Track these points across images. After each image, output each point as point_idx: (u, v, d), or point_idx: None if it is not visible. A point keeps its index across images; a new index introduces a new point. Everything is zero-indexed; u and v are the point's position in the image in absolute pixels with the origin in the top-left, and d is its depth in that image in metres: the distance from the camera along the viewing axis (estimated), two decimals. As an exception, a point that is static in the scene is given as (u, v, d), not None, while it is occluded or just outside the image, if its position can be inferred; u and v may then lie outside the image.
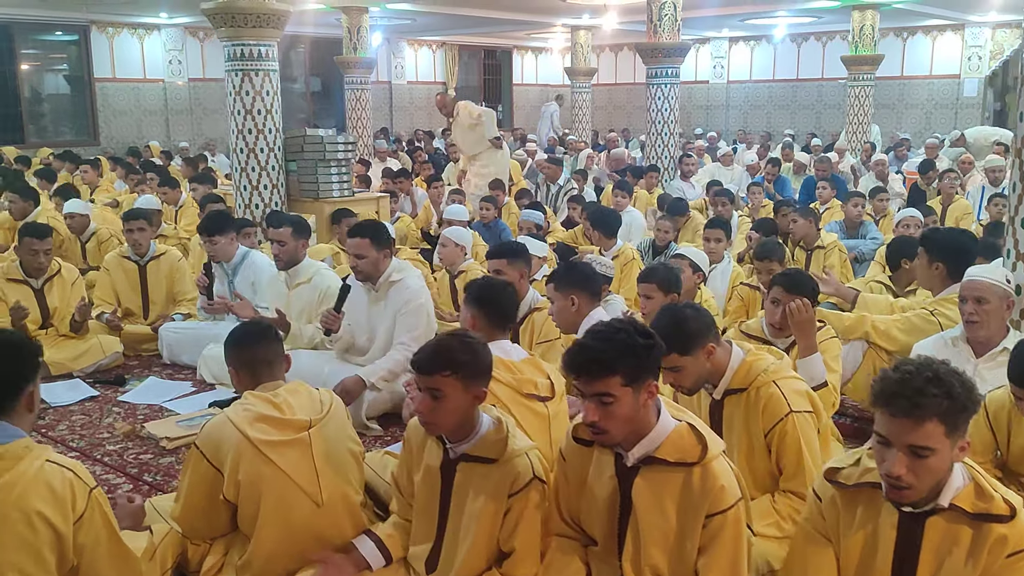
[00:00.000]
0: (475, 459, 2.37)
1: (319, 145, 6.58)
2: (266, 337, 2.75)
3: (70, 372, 4.90)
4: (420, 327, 4.26)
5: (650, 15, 9.73)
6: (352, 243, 4.24)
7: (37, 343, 2.34)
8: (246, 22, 6.27)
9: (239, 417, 2.54)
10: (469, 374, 2.31)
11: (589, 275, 3.45)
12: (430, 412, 2.31)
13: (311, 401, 2.67)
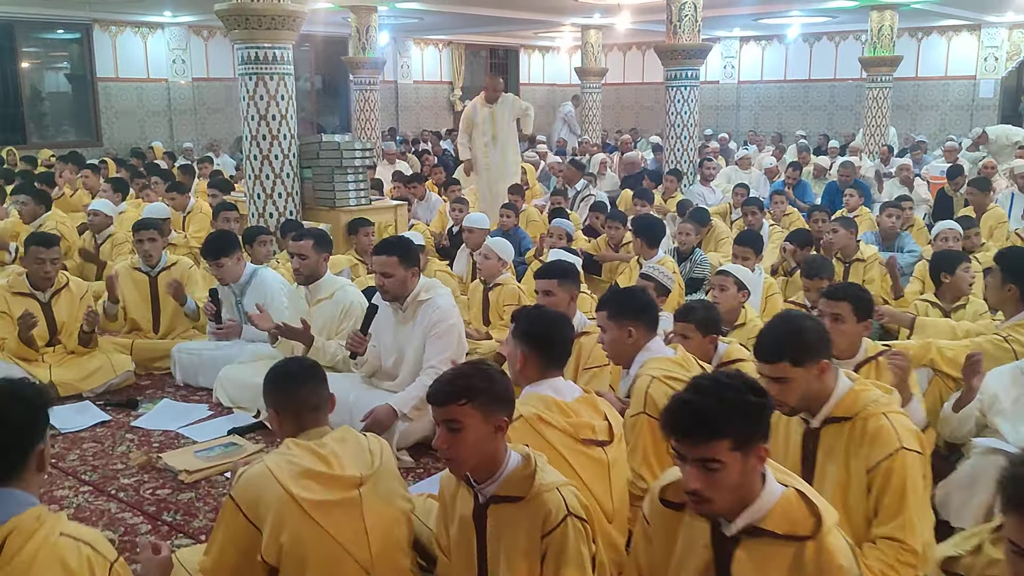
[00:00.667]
0: (504, 499, 2.18)
1: (335, 151, 6.33)
2: (313, 378, 2.51)
3: (79, 393, 4.66)
4: (451, 349, 4.02)
5: (669, 15, 9.47)
6: (379, 261, 3.99)
7: (44, 391, 2.11)
8: (260, 24, 6.02)
9: (282, 471, 2.29)
10: (487, 402, 2.14)
11: (648, 304, 3.18)
12: (450, 447, 2.14)
13: (360, 451, 2.43)
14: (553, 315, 2.91)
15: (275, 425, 2.52)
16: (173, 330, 5.27)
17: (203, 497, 3.53)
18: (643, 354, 3.12)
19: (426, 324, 4.00)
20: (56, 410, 4.43)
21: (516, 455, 2.22)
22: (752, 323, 4.34)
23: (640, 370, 3.05)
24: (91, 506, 3.46)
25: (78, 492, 3.58)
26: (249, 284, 4.91)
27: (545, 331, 2.79)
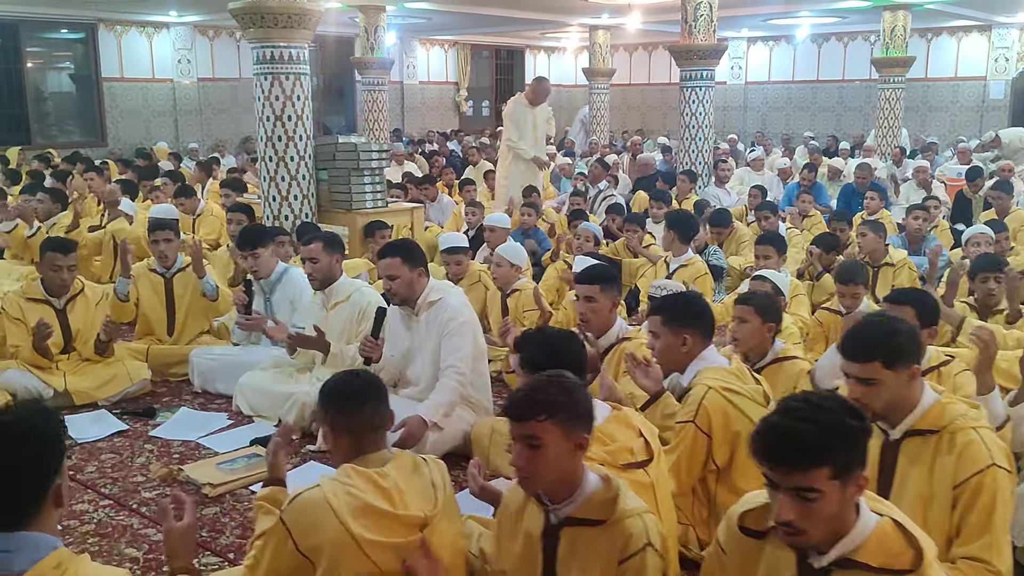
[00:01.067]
0: (581, 522, 2.07)
1: (352, 153, 6.19)
2: (375, 396, 2.35)
3: (95, 401, 4.54)
4: (467, 347, 3.89)
5: (684, 15, 9.35)
6: (383, 264, 3.88)
7: (57, 419, 1.88)
8: (276, 23, 5.89)
9: (341, 503, 2.14)
10: (568, 418, 2.03)
11: (704, 310, 3.06)
12: (527, 463, 2.02)
13: (423, 484, 2.28)
14: (560, 337, 2.77)
15: (330, 443, 2.37)
16: (187, 333, 5.14)
17: (228, 512, 3.41)
18: (697, 362, 3.00)
19: (439, 324, 3.88)
20: (72, 419, 4.31)
21: (594, 476, 2.11)
22: (787, 330, 4.23)
23: (696, 379, 2.93)
24: (112, 521, 3.33)
25: (98, 506, 3.45)
26: (279, 282, 4.82)
27: (554, 357, 2.61)
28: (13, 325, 4.56)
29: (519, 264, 5.11)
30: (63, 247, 4.58)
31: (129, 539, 3.19)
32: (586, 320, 3.65)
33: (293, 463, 3.82)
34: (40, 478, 1.76)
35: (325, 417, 2.34)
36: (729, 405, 2.83)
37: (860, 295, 4.41)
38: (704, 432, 2.76)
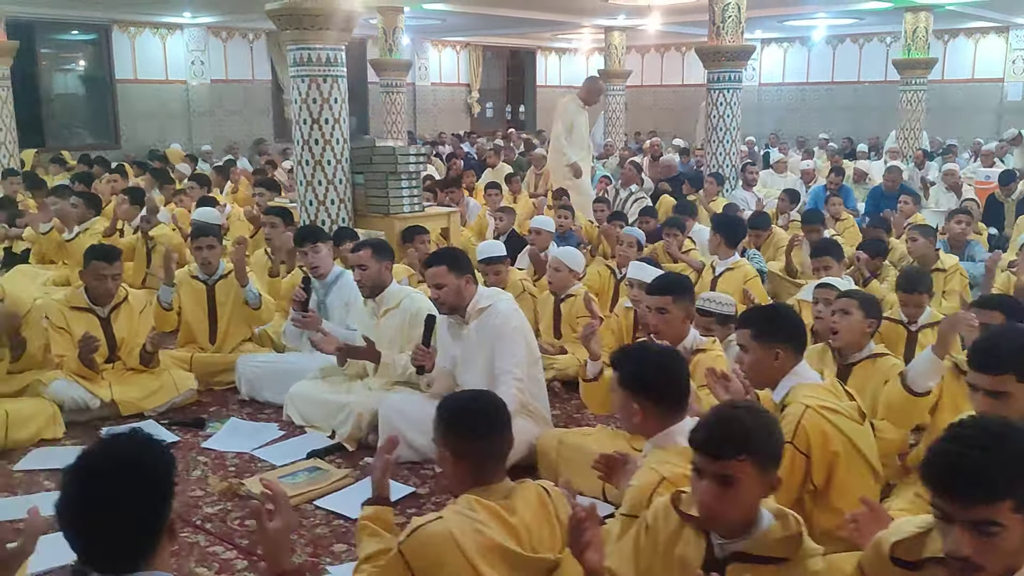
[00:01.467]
0: (754, 559, 1.94)
1: (390, 157, 6.11)
2: (502, 423, 2.24)
3: (141, 412, 4.44)
4: (521, 352, 3.77)
5: (712, 16, 9.25)
6: (429, 273, 3.78)
7: (170, 456, 1.76)
8: (313, 24, 5.79)
9: (468, 541, 2.03)
10: (767, 458, 1.92)
11: (797, 324, 2.97)
12: (716, 502, 1.90)
13: (548, 521, 2.18)
14: (663, 354, 2.67)
15: (448, 470, 2.24)
16: (229, 341, 5.05)
17: (295, 529, 3.30)
18: (790, 378, 2.89)
19: (490, 332, 3.76)
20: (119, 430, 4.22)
21: (766, 511, 1.98)
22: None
23: (790, 396, 2.83)
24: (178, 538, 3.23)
25: None
26: (335, 284, 4.74)
27: (659, 376, 2.54)
28: (57, 334, 4.48)
29: (577, 269, 5.02)
30: (108, 255, 4.48)
31: (198, 558, 3.10)
32: (658, 332, 3.55)
33: (355, 476, 3.74)
34: (156, 515, 1.65)
35: (445, 442, 2.21)
36: (827, 424, 2.73)
37: (924, 304, 4.33)
38: (802, 452, 2.66)
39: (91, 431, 4.25)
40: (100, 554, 1.61)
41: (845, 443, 2.74)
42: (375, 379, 4.28)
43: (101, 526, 1.59)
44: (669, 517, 2.11)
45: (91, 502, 1.59)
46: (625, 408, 2.59)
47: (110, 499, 1.59)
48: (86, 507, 1.59)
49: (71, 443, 4.13)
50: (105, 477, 1.61)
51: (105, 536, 1.59)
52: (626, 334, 4.91)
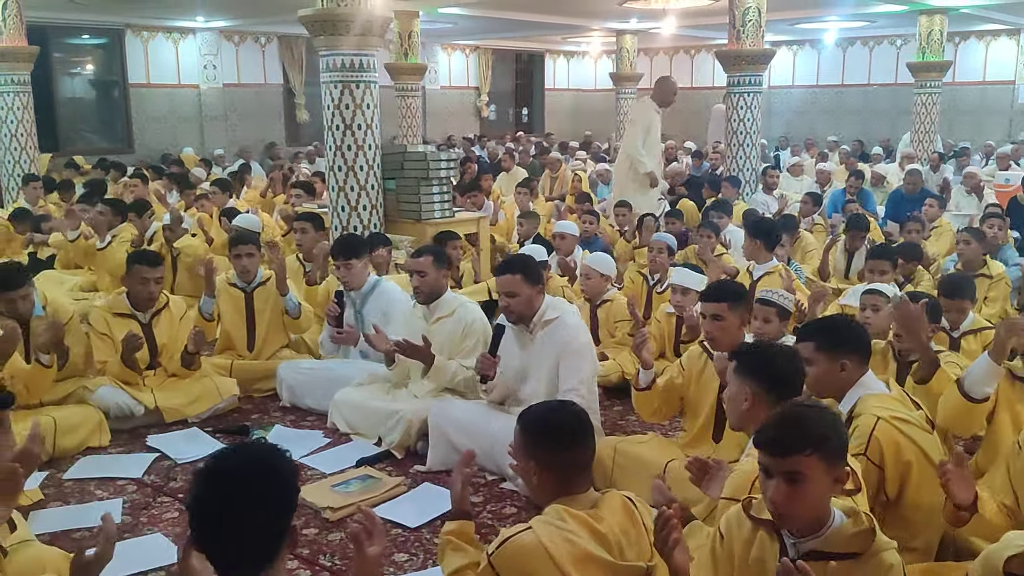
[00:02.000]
0: (827, 556, 1.95)
1: (422, 162, 6.10)
2: (588, 434, 2.22)
3: (184, 418, 4.44)
4: (587, 369, 3.78)
5: (732, 20, 9.25)
6: (502, 281, 3.76)
7: (292, 462, 1.83)
8: (347, 30, 5.78)
9: (560, 551, 2.02)
10: (832, 451, 1.94)
11: (862, 334, 2.96)
12: (787, 500, 1.91)
13: (635, 529, 2.17)
14: (780, 350, 2.68)
15: (534, 481, 2.22)
16: (267, 348, 5.03)
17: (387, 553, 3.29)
18: (857, 389, 2.87)
19: (556, 345, 3.75)
20: (165, 438, 4.25)
21: (837, 510, 2.01)
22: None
23: (860, 408, 2.81)
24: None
25: None
26: (371, 294, 4.72)
27: (775, 365, 2.57)
28: (100, 340, 4.48)
29: (609, 274, 5.01)
30: (151, 260, 4.48)
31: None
32: (713, 339, 3.53)
33: (407, 484, 3.72)
34: (283, 517, 1.73)
35: (532, 452, 2.19)
36: (900, 435, 2.72)
37: (966, 310, 4.31)
38: (876, 464, 2.66)
39: (137, 438, 4.25)
40: (228, 554, 1.66)
41: (917, 453, 2.73)
42: (419, 385, 4.26)
43: (233, 524, 1.65)
44: (742, 524, 2.13)
45: (225, 501, 1.66)
46: (736, 395, 2.61)
47: (244, 498, 1.66)
48: (220, 506, 1.65)
49: (117, 451, 4.12)
50: (239, 477, 1.68)
51: (235, 535, 1.65)
52: (668, 340, 4.90)
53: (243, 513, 1.65)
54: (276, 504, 1.70)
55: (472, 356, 4.10)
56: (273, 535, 1.70)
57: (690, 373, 3.63)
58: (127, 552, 3.15)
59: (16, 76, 9.11)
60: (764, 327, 3.73)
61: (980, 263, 5.45)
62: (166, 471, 3.89)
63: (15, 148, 9.27)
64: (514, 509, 3.51)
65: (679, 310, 4.74)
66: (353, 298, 4.72)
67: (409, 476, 3.82)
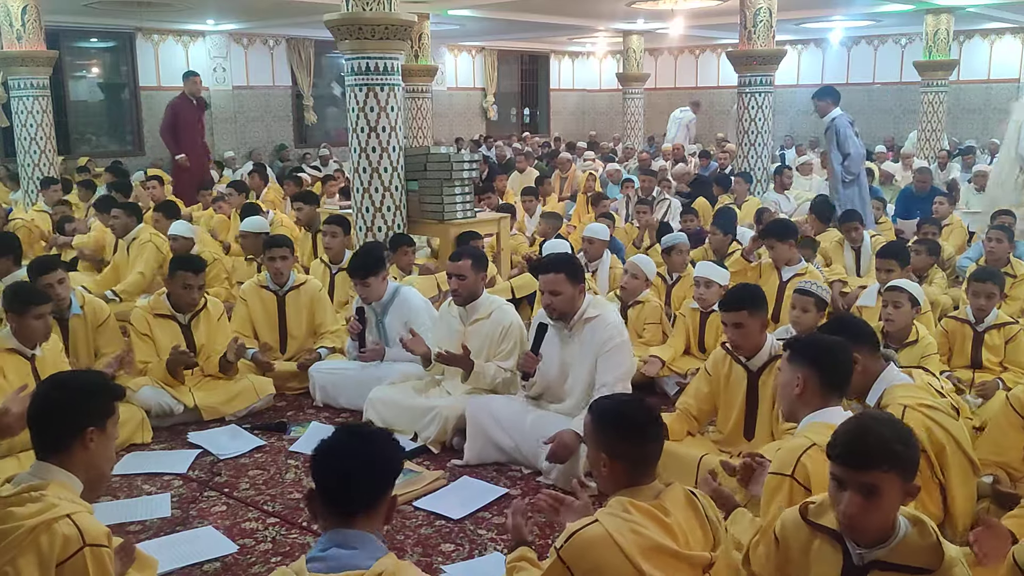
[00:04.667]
0: (896, 568, 1.98)
1: (445, 163, 6.20)
2: (657, 429, 2.28)
3: (222, 416, 4.53)
4: (626, 366, 3.88)
5: (743, 21, 9.35)
6: (545, 279, 3.85)
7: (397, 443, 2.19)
8: (373, 34, 5.88)
9: (628, 541, 2.08)
10: (909, 468, 1.97)
11: (864, 325, 3.06)
12: (861, 512, 1.94)
13: (699, 521, 2.23)
14: (832, 340, 2.77)
15: (603, 472, 2.27)
16: (302, 351, 5.11)
17: (401, 530, 3.39)
18: (881, 383, 2.98)
19: (596, 343, 3.83)
20: (208, 435, 4.34)
21: (903, 518, 2.01)
22: (924, 340, 4.20)
23: (887, 399, 2.92)
24: (287, 540, 3.32)
25: (267, 524, 3.44)
26: (392, 302, 4.77)
27: (829, 354, 2.65)
28: (141, 341, 4.57)
29: (651, 278, 5.09)
30: (194, 266, 4.57)
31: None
32: (737, 346, 3.61)
33: (446, 478, 3.82)
34: (390, 477, 2.07)
35: (604, 443, 2.25)
36: (929, 420, 2.82)
37: (995, 296, 4.40)
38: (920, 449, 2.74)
39: (177, 435, 4.34)
40: (338, 500, 1.98)
41: (947, 437, 2.83)
42: (452, 382, 4.36)
43: (352, 468, 1.98)
44: (799, 529, 2.14)
45: (349, 449, 2.02)
46: (788, 381, 2.68)
47: (364, 447, 2.03)
48: (344, 452, 2.01)
49: (160, 447, 4.22)
50: (360, 436, 2.07)
51: (346, 486, 1.97)
52: (693, 333, 5.00)
53: (358, 458, 1.99)
54: (385, 459, 2.06)
55: (510, 359, 4.20)
56: (377, 488, 2.01)
57: (717, 377, 3.71)
58: (182, 544, 3.26)
59: (36, 80, 9.22)
60: (801, 316, 3.81)
61: (1006, 261, 5.52)
62: (210, 467, 3.99)
63: (35, 151, 9.36)
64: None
65: (701, 302, 4.84)
66: (374, 308, 4.77)
67: (447, 470, 3.92)
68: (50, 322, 3.99)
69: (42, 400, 2.37)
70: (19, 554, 2.07)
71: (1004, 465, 3.08)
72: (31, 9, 9.07)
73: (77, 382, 2.46)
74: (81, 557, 2.10)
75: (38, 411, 2.35)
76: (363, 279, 4.63)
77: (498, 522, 3.41)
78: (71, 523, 2.12)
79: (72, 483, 2.29)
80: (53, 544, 2.08)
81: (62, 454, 2.30)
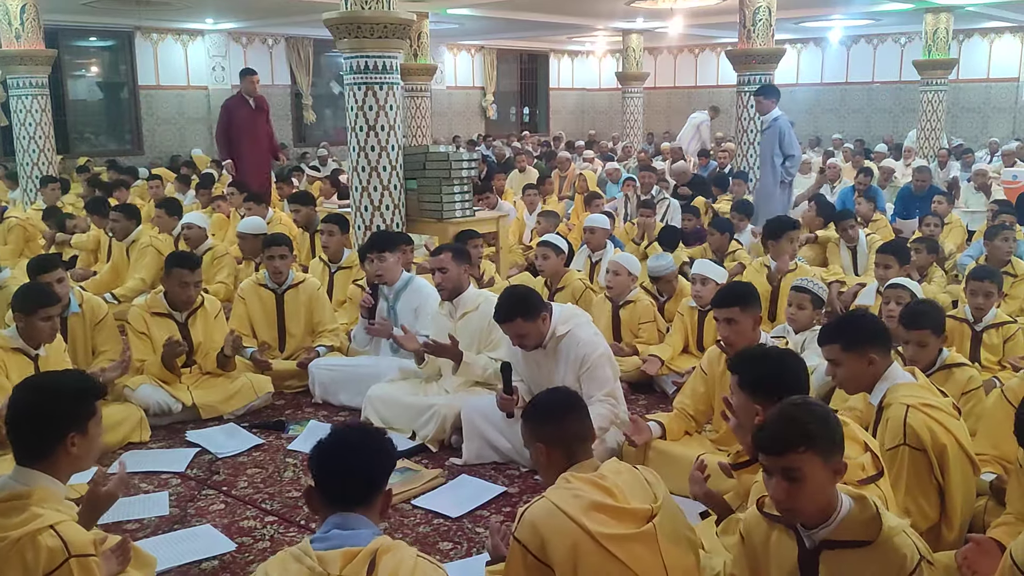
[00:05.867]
0: (841, 544, 2.05)
1: (444, 162, 6.19)
2: (576, 407, 2.49)
3: (220, 415, 4.52)
4: (611, 379, 3.84)
5: (743, 20, 9.36)
6: (506, 328, 3.74)
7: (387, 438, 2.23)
8: (372, 33, 5.87)
9: (570, 505, 2.22)
10: (826, 446, 2.02)
11: (881, 325, 3.05)
12: (787, 497, 2.02)
13: (639, 483, 2.36)
14: (779, 355, 2.77)
15: (543, 461, 2.44)
16: (300, 350, 5.11)
17: (398, 528, 3.39)
18: (884, 381, 2.96)
19: (574, 361, 3.77)
20: (206, 433, 4.33)
21: (846, 496, 2.09)
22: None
23: (889, 398, 2.91)
24: (285, 538, 3.31)
25: (265, 523, 3.44)
26: (405, 290, 4.80)
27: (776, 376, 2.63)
28: (138, 339, 4.56)
29: (636, 274, 5.08)
30: (190, 264, 4.57)
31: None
32: (730, 343, 3.59)
33: (444, 476, 3.82)
34: (386, 470, 2.15)
35: (536, 434, 2.45)
36: (931, 420, 2.81)
37: (993, 294, 4.40)
38: (919, 450, 2.75)
39: (175, 434, 4.34)
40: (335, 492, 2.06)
41: (948, 437, 2.82)
42: (450, 380, 4.35)
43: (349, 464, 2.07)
44: (759, 523, 2.23)
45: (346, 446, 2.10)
46: (743, 409, 2.67)
47: (361, 444, 2.11)
48: (341, 449, 2.09)
49: (158, 446, 4.21)
50: (357, 433, 2.17)
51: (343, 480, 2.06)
52: (691, 331, 5.00)
53: (357, 453, 2.08)
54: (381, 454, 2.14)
55: (500, 348, 4.19)
56: (375, 482, 2.09)
57: (712, 375, 3.70)
58: (180, 543, 3.26)
59: (34, 79, 9.22)
60: (798, 313, 3.80)
61: (1005, 261, 5.50)
62: (208, 465, 3.99)
63: (33, 150, 9.36)
64: (550, 499, 3.60)
65: (698, 299, 4.84)
66: (386, 293, 4.80)
67: (445, 468, 3.91)
68: (57, 324, 3.99)
69: (20, 406, 2.31)
70: (3, 567, 2.07)
71: (1001, 459, 3.08)
72: (30, 8, 9.07)
73: (56, 385, 2.38)
74: (67, 568, 2.09)
75: (17, 417, 2.29)
76: (380, 251, 4.69)
77: (498, 521, 3.41)
78: (55, 534, 2.10)
79: (57, 488, 2.28)
80: (38, 557, 2.07)
81: (45, 460, 2.28)
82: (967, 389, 3.41)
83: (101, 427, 2.46)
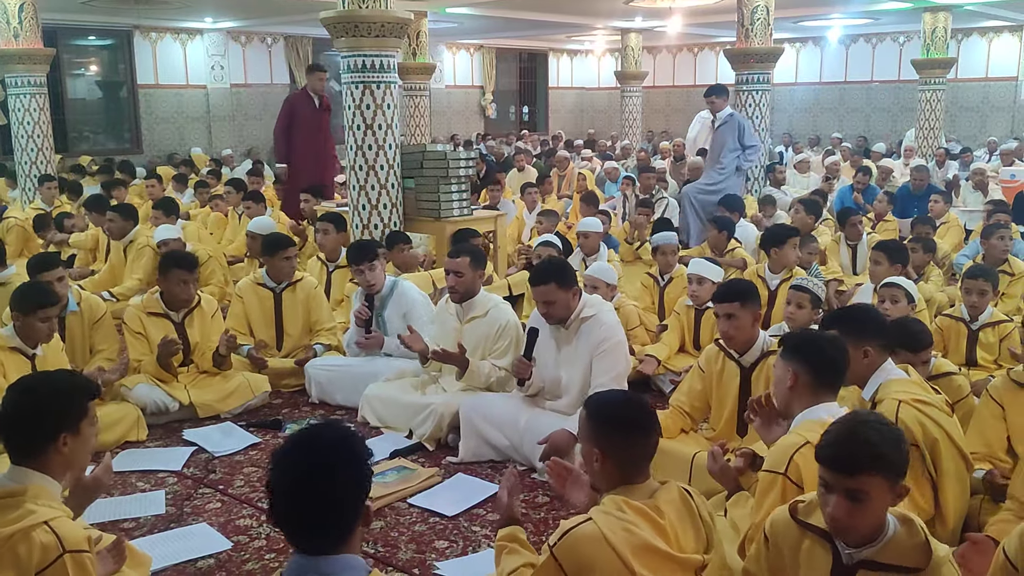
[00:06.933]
0: (884, 567, 1.98)
1: (441, 161, 6.20)
2: (647, 427, 2.25)
3: (217, 414, 4.53)
4: (620, 365, 3.85)
5: (741, 18, 9.35)
6: (537, 291, 3.80)
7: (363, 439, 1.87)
8: (369, 32, 5.88)
9: (620, 539, 2.07)
10: (896, 471, 1.95)
11: (883, 321, 3.06)
12: (848, 517, 1.94)
13: (693, 520, 2.22)
14: (825, 336, 2.77)
15: (595, 466, 2.23)
16: (296, 346, 5.12)
17: (395, 527, 3.40)
18: (879, 376, 2.98)
19: (591, 342, 3.81)
20: (202, 432, 4.33)
21: (892, 517, 2.01)
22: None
23: (880, 393, 2.92)
24: (281, 537, 3.29)
25: (261, 522, 3.44)
26: (391, 296, 4.79)
27: (819, 348, 2.66)
28: (135, 339, 4.57)
29: (613, 283, 5.04)
30: (187, 263, 4.57)
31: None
32: (730, 338, 3.60)
33: (441, 474, 3.82)
34: (360, 492, 1.77)
35: (597, 438, 2.22)
36: (921, 415, 2.83)
37: (988, 293, 4.41)
38: (911, 444, 2.75)
39: (172, 432, 4.35)
40: (306, 531, 1.72)
41: (940, 432, 2.84)
42: (448, 379, 4.35)
43: (314, 498, 1.69)
44: (789, 528, 2.14)
45: (307, 472, 1.70)
46: (781, 377, 2.69)
47: (325, 469, 1.70)
48: (302, 476, 1.70)
49: (155, 444, 4.22)
50: (320, 452, 1.74)
51: (314, 509, 1.69)
52: (688, 330, 5.00)
53: (323, 482, 1.69)
54: (353, 476, 1.75)
55: (505, 357, 4.19)
56: (348, 509, 1.73)
57: (710, 373, 3.70)
58: (176, 541, 3.26)
59: (33, 78, 9.22)
60: (796, 312, 3.80)
61: (1002, 260, 5.50)
62: (205, 464, 3.99)
63: (32, 149, 9.36)
64: (545, 499, 3.60)
65: (694, 299, 4.84)
66: (373, 300, 4.79)
67: (442, 467, 3.92)
68: (55, 324, 3.99)
69: (12, 406, 2.31)
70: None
71: (990, 456, 3.09)
72: (28, 7, 9.07)
73: (48, 386, 2.37)
74: (61, 564, 2.08)
75: (9, 419, 2.30)
76: (370, 262, 4.68)
77: (492, 519, 3.41)
78: (49, 530, 2.10)
79: (51, 486, 2.28)
80: (31, 553, 2.06)
81: (38, 460, 2.29)
82: (957, 399, 3.42)
83: (95, 427, 2.44)
